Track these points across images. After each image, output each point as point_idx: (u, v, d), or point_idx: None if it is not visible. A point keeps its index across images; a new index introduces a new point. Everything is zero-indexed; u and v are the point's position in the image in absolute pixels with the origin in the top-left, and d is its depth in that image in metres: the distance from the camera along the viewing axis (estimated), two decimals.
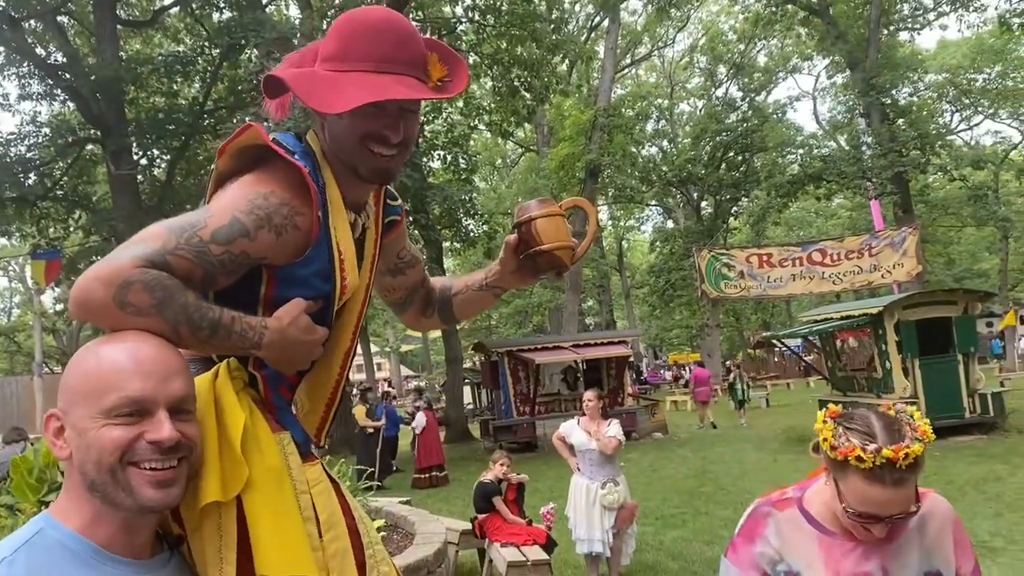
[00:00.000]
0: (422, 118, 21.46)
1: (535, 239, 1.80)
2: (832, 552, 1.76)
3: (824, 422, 1.72)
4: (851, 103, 29.49)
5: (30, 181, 17.11)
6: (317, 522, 1.46)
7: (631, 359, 22.40)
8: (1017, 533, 7.62)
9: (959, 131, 38.57)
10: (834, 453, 1.67)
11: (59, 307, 27.93)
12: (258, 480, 1.35)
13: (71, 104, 18.01)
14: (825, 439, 1.70)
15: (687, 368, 38.07)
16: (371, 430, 14.67)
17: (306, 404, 1.67)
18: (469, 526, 7.35)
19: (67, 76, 16.34)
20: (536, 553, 6.33)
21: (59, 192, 18.19)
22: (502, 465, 7.41)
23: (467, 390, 26.95)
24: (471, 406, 27.47)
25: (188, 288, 1.33)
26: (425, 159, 19.62)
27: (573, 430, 7.11)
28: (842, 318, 15.32)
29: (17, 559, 1.14)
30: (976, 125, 40.81)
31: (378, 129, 1.50)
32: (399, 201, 1.86)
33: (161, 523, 1.34)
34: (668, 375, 39.55)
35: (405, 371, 58.36)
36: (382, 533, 6.22)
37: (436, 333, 24.35)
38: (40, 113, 19.83)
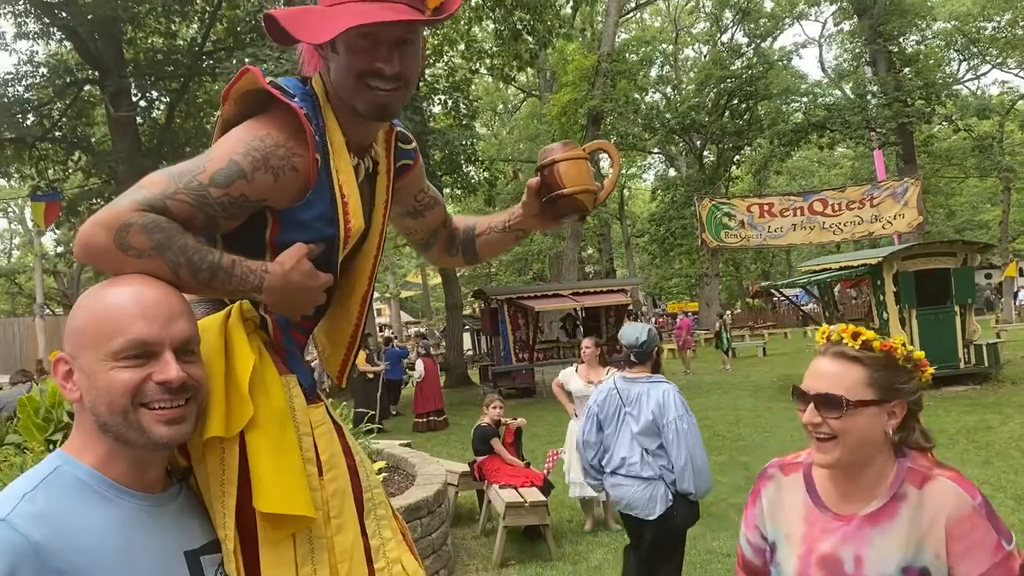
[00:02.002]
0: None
1: (557, 183, 1.79)
2: (814, 527, 1.69)
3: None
4: (857, 51, 29.11)
5: (28, 122, 16.96)
6: (318, 462, 1.51)
7: (631, 308, 22.52)
8: (1005, 481, 7.78)
9: (966, 80, 38.10)
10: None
11: (60, 249, 27.93)
12: (262, 420, 1.40)
13: (68, 44, 17.77)
14: None
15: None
16: (371, 375, 14.83)
17: (327, 347, 1.74)
18: (468, 468, 7.49)
19: (64, 15, 16.08)
20: (534, 495, 6.47)
21: (58, 133, 18.04)
22: (495, 408, 7.52)
23: (466, 336, 27.12)
24: (470, 352, 27.68)
25: (189, 232, 1.36)
26: (426, 103, 19.43)
27: (571, 377, 7.23)
28: (841, 268, 15.38)
29: (37, 495, 1.19)
30: (983, 75, 40.44)
31: (372, 64, 1.49)
32: (413, 144, 1.85)
33: (168, 456, 1.39)
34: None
35: (405, 317, 58.56)
36: (384, 474, 6.36)
37: (436, 279, 24.42)
38: (37, 53, 19.50)
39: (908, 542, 1.56)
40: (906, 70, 26.29)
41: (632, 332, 4.58)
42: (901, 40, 27.08)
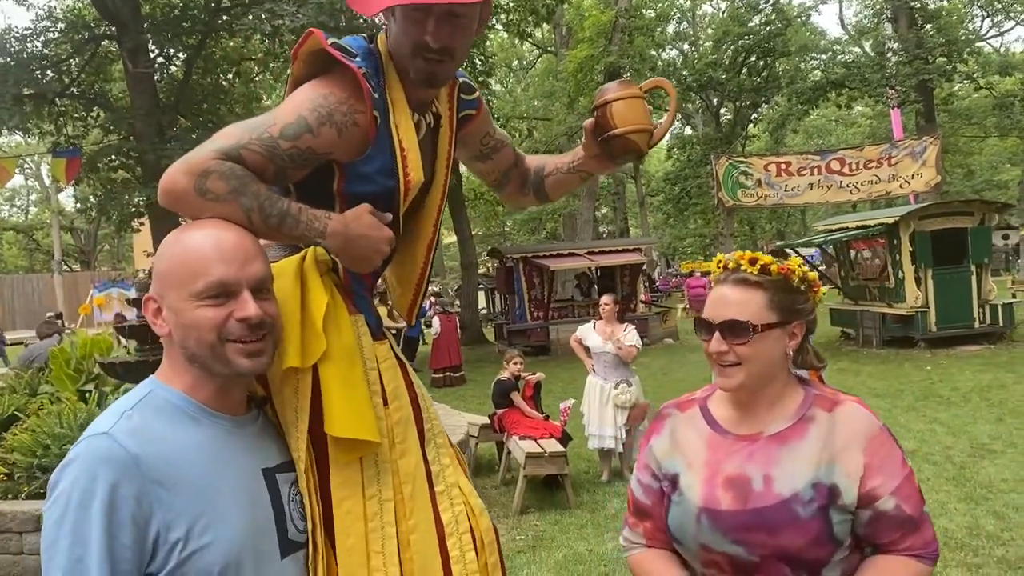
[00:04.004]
0: None
1: (609, 123, 1.81)
2: (717, 452, 1.69)
3: None
4: (878, 7, 28.62)
5: (47, 78, 16.97)
6: (384, 394, 1.65)
7: (645, 267, 22.58)
8: (1017, 437, 7.89)
9: (988, 37, 37.44)
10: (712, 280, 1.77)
11: (78, 205, 28.12)
12: (334, 354, 1.53)
13: None
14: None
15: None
16: (393, 331, 15.00)
17: (397, 289, 1.90)
18: (487, 421, 7.67)
19: None
20: (553, 446, 6.63)
21: (76, 89, 18.03)
22: (516, 364, 7.67)
23: (481, 295, 27.27)
24: (485, 310, 27.85)
25: (260, 181, 1.48)
26: None
27: (589, 333, 7.36)
28: (858, 228, 15.35)
29: (134, 413, 1.34)
30: (1007, 31, 39.66)
31: (421, 35, 1.59)
32: (476, 94, 1.94)
33: (248, 385, 1.53)
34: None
35: None
36: None
37: (450, 239, 24.49)
38: (55, 8, 19.45)
39: (819, 460, 1.59)
40: (928, 26, 25.80)
41: None
42: None
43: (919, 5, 25.92)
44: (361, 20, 13.41)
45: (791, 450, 1.61)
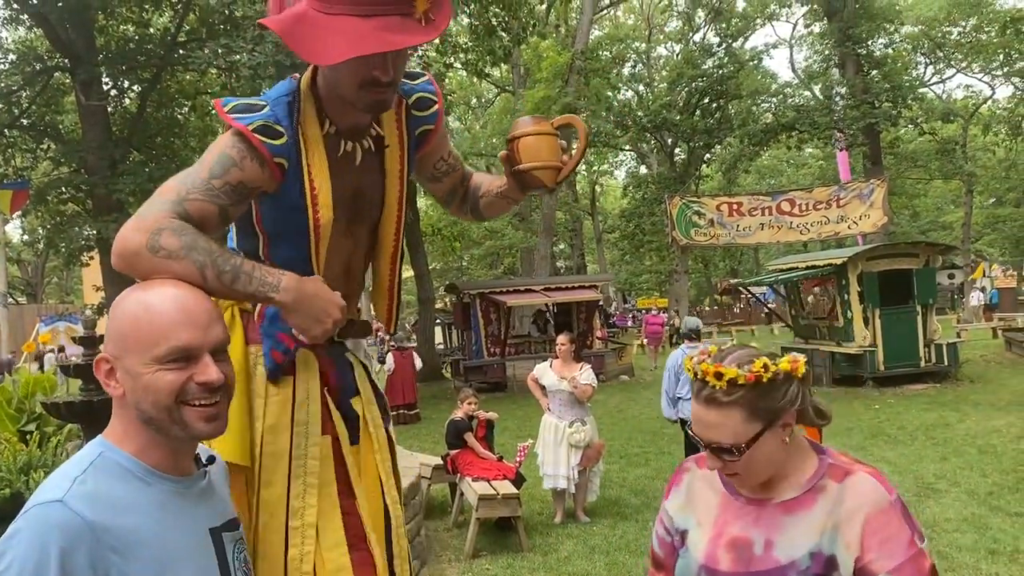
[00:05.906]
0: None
1: (515, 157, 1.87)
2: (726, 513, 1.69)
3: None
4: (827, 53, 29.48)
5: None
6: (263, 424, 1.74)
7: (601, 303, 22.72)
8: (960, 476, 8.05)
9: (931, 84, 38.76)
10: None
11: (25, 237, 27.48)
12: None
13: (38, 30, 17.50)
14: None
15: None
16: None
17: (374, 303, 2.03)
18: (441, 461, 7.60)
19: (34, 1, 15.86)
20: (506, 487, 6.59)
21: (26, 121, 17.77)
22: (470, 403, 7.64)
23: (438, 330, 27.16)
24: (442, 346, 27.72)
25: (208, 232, 1.53)
26: None
27: (545, 372, 7.37)
28: (807, 268, 15.66)
29: (87, 478, 1.30)
30: (948, 78, 40.98)
31: (370, 72, 1.61)
32: (433, 108, 1.94)
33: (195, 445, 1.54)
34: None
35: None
36: None
37: (408, 272, 24.39)
38: (6, 39, 19.17)
39: (822, 530, 1.55)
40: (874, 73, 26.64)
41: (693, 322, 8.03)
42: (869, 43, 27.40)
43: (865, 52, 26.77)
44: None
45: (797, 519, 1.59)
